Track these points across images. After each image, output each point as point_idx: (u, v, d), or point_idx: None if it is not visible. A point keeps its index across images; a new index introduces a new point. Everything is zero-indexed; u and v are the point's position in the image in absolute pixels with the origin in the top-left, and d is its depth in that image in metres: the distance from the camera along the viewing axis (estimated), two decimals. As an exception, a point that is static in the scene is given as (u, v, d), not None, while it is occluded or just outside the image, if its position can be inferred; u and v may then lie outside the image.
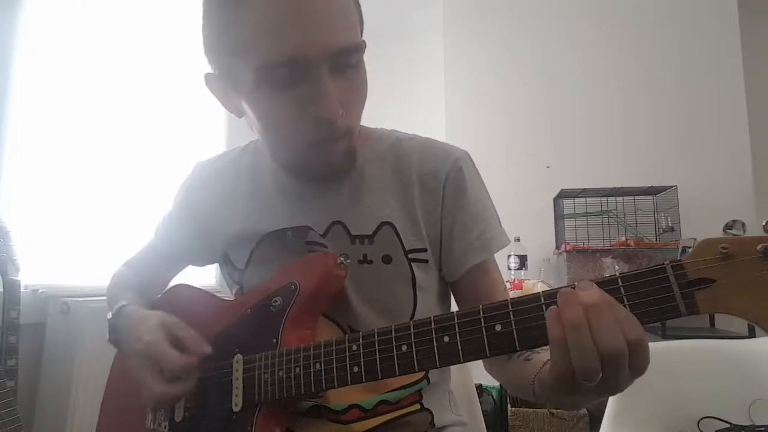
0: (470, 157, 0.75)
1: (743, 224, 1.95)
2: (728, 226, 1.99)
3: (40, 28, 1.56)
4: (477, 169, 0.75)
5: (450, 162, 0.72)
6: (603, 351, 0.40)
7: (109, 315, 0.73)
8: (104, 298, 1.56)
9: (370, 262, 0.68)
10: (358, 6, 0.63)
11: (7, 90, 1.44)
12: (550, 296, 0.45)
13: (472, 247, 0.70)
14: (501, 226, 0.74)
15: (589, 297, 0.41)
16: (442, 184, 0.70)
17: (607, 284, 0.43)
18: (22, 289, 1.26)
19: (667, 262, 0.42)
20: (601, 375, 0.41)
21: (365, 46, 0.61)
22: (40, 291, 1.46)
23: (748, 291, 0.39)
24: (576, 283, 0.43)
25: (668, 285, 0.41)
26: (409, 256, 0.69)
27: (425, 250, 0.70)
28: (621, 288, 0.43)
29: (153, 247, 0.86)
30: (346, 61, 0.58)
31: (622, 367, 0.41)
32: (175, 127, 2.12)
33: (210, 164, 0.81)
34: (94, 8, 1.76)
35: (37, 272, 1.49)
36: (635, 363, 0.42)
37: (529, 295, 0.46)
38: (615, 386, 0.43)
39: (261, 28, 0.55)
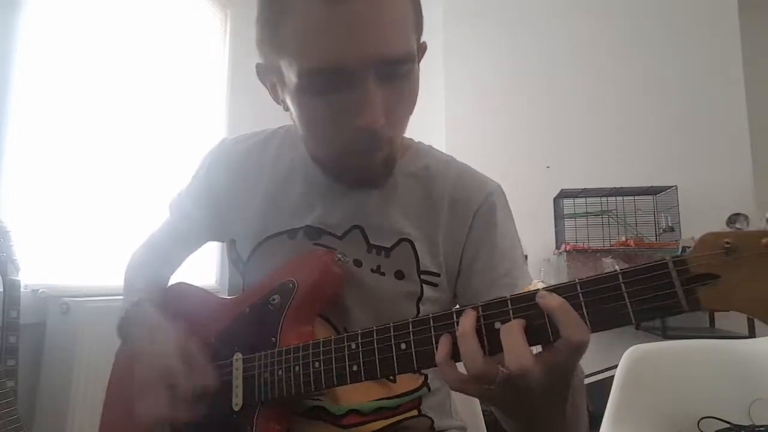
0: (503, 192, 0.74)
1: (746, 218, 1.87)
2: (731, 221, 1.92)
3: (40, 28, 1.56)
4: (509, 205, 0.74)
5: (484, 193, 0.71)
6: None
7: (122, 312, 0.73)
8: (104, 298, 1.57)
9: (383, 274, 0.68)
10: (417, 6, 0.60)
11: (7, 90, 1.44)
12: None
13: (498, 284, 0.68)
14: (525, 264, 0.74)
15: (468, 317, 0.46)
16: (472, 214, 0.70)
17: (608, 280, 0.43)
18: (22, 289, 1.27)
19: (669, 257, 0.41)
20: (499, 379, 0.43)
21: (418, 56, 0.60)
22: (40, 291, 1.46)
23: (752, 286, 0.39)
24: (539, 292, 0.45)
25: (670, 281, 0.41)
26: (422, 277, 0.69)
27: (438, 275, 0.70)
28: (622, 284, 0.42)
29: (168, 223, 0.85)
30: (394, 71, 0.56)
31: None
32: (175, 127, 2.12)
33: (236, 143, 0.80)
34: (95, 8, 1.76)
35: (37, 272, 1.49)
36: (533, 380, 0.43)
37: (528, 291, 0.46)
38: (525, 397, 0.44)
39: (306, 34, 0.54)
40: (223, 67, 2.44)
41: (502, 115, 2.79)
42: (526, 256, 0.82)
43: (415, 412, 0.69)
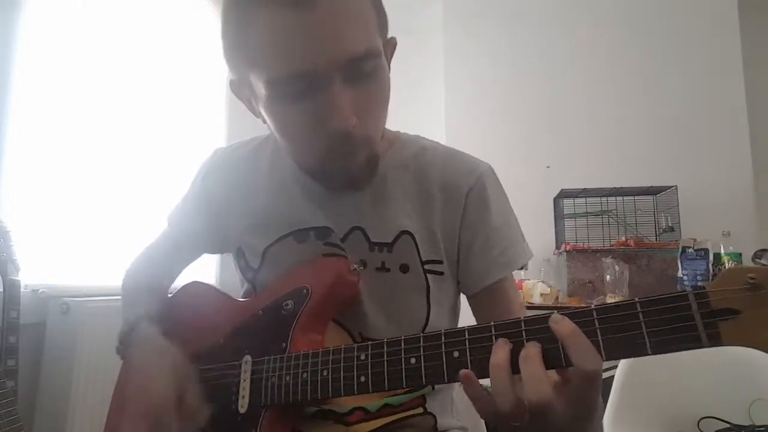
0: (494, 172, 0.74)
1: (774, 254, 1.89)
2: (757, 256, 1.93)
3: (40, 28, 1.56)
4: (500, 184, 0.74)
5: (474, 176, 0.71)
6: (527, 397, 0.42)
7: (122, 326, 0.72)
8: (104, 298, 1.57)
9: (388, 270, 0.68)
10: (378, 6, 0.60)
11: (7, 90, 1.44)
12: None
13: (495, 264, 0.69)
14: (524, 241, 0.74)
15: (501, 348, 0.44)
16: (464, 197, 0.70)
17: (625, 308, 0.42)
18: (22, 289, 1.27)
19: (690, 290, 0.40)
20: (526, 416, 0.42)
21: (387, 52, 0.60)
22: (40, 291, 1.46)
23: None
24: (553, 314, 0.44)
25: (690, 314, 0.39)
26: (425, 267, 0.69)
27: (441, 262, 0.70)
28: (640, 314, 0.41)
29: (167, 234, 0.85)
30: (360, 70, 0.56)
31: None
32: (176, 127, 2.12)
33: (230, 152, 0.80)
34: (94, 8, 1.76)
35: (37, 272, 1.49)
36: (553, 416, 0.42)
37: (542, 314, 0.45)
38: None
39: (270, 43, 0.54)
40: (223, 66, 2.44)
41: (502, 115, 2.79)
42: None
43: (420, 410, 0.70)
